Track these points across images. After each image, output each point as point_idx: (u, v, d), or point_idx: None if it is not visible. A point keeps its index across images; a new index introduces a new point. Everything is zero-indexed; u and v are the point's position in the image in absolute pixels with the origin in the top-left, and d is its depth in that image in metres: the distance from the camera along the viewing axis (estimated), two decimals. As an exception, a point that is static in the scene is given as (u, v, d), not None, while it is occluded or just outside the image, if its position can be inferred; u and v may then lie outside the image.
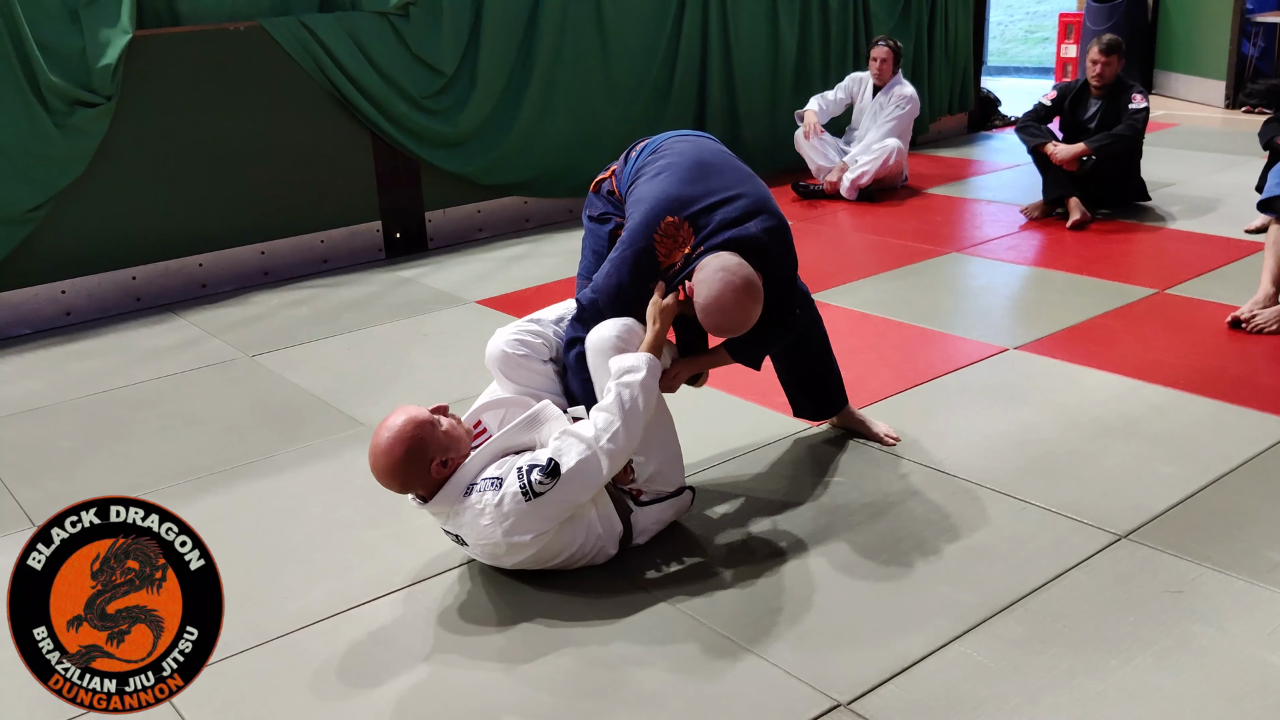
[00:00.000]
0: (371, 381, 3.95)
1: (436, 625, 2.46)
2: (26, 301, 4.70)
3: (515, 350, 2.70)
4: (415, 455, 2.38)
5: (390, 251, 5.66)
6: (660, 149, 2.83)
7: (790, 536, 2.75)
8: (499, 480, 2.41)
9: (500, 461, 2.47)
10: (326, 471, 3.25)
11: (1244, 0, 8.88)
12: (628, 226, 2.70)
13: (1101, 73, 5.55)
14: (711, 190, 2.66)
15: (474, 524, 2.42)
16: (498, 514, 2.39)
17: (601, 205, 2.95)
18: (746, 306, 2.53)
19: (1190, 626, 2.32)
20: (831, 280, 4.72)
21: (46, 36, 4.49)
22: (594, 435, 2.43)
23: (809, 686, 2.19)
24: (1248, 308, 4.03)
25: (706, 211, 2.62)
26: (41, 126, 4.48)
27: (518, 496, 2.37)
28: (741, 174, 2.76)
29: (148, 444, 3.51)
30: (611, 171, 2.95)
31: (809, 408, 3.26)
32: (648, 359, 2.52)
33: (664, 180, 2.70)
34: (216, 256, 5.14)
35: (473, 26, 5.64)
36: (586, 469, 2.41)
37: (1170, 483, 2.91)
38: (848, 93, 6.57)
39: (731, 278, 2.51)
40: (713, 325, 2.57)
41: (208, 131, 4.99)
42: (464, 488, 2.43)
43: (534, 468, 2.38)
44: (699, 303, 2.53)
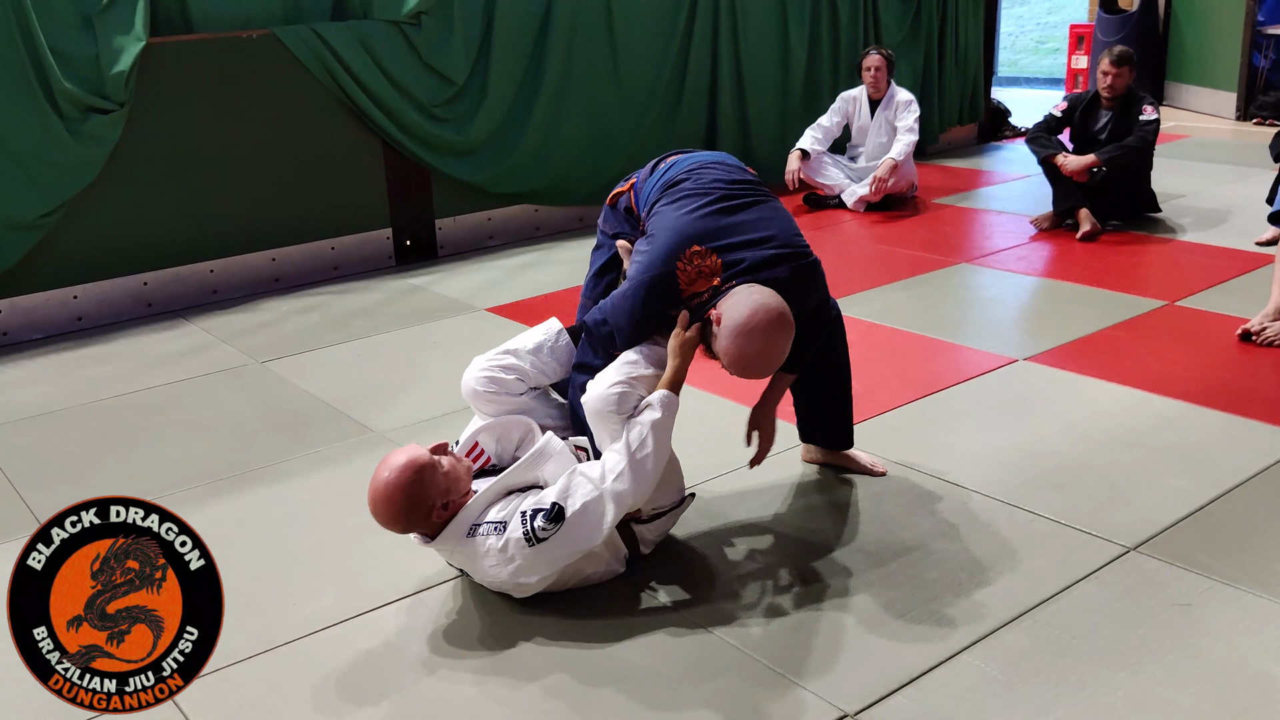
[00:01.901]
0: (381, 388, 3.96)
1: (444, 632, 2.46)
2: (38, 306, 4.72)
3: (486, 388, 2.63)
4: (416, 502, 2.33)
5: (400, 259, 5.68)
6: (686, 173, 2.69)
7: (798, 546, 2.75)
8: (503, 525, 2.35)
9: (505, 502, 2.40)
10: (336, 478, 3.26)
11: (1255, 12, 8.87)
12: (648, 251, 2.56)
13: (1112, 84, 5.54)
14: (740, 226, 2.53)
15: (478, 565, 2.41)
16: (502, 558, 2.36)
17: (617, 223, 2.87)
18: (775, 341, 2.41)
19: (1199, 640, 2.31)
20: (841, 290, 4.69)
21: (60, 43, 4.52)
22: (600, 476, 2.36)
23: (817, 696, 2.19)
24: (1258, 320, 4.02)
25: (736, 249, 2.50)
26: (55, 133, 4.50)
27: (520, 543, 2.33)
28: (769, 209, 2.63)
29: (158, 449, 3.52)
30: (630, 185, 2.85)
31: (822, 437, 3.13)
32: (664, 397, 2.42)
33: (690, 209, 2.56)
34: (228, 263, 5.16)
35: (484, 36, 5.66)
36: (591, 514, 2.34)
37: (1180, 495, 2.90)
38: (842, 114, 6.54)
39: (766, 313, 2.37)
40: (738, 357, 2.40)
41: (220, 138, 5.01)
42: (467, 528, 2.38)
43: (538, 512, 2.32)
44: (729, 330, 2.39)
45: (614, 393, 2.44)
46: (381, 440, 3.49)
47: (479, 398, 2.67)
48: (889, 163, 6.19)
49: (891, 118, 6.41)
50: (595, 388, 2.48)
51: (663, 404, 2.41)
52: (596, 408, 2.46)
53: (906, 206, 6.39)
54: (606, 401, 2.44)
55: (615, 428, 2.44)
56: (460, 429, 2.99)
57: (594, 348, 2.62)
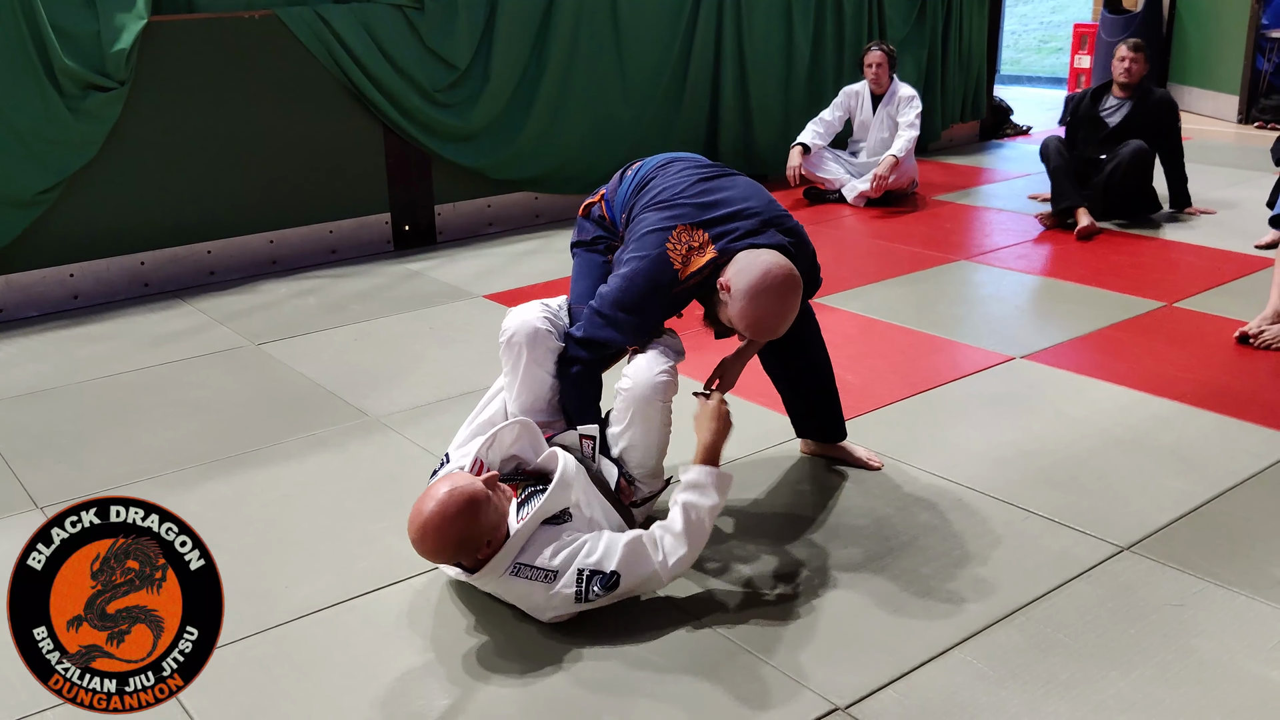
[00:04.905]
0: (377, 373, 3.95)
1: (439, 617, 2.46)
2: (35, 284, 4.71)
3: (545, 327, 2.63)
4: (468, 537, 2.26)
5: (399, 244, 5.67)
6: (655, 170, 2.75)
7: (792, 540, 2.75)
8: (553, 575, 2.32)
9: (555, 547, 2.33)
10: (331, 461, 3.26)
11: (1259, 15, 8.87)
12: (635, 242, 2.60)
13: (1129, 68, 5.57)
14: (720, 202, 2.60)
15: (517, 598, 2.39)
16: (545, 602, 2.35)
17: (593, 230, 2.86)
18: (788, 298, 2.49)
19: (1191, 640, 2.31)
20: (839, 285, 4.72)
21: (62, 20, 4.50)
22: (662, 560, 2.37)
23: (808, 689, 2.19)
24: (1256, 323, 4.02)
25: (721, 222, 2.56)
26: (54, 110, 4.49)
27: (569, 599, 2.33)
28: (743, 184, 2.69)
29: (153, 430, 3.52)
30: (600, 196, 2.87)
31: (814, 430, 3.15)
32: (715, 478, 2.43)
33: (668, 200, 2.62)
34: (225, 244, 5.15)
35: (487, 21, 5.65)
36: (643, 586, 2.40)
37: (1175, 496, 2.91)
38: (845, 109, 6.52)
39: (775, 269, 2.45)
40: (755, 318, 2.48)
41: (220, 119, 5.00)
42: (508, 565, 2.33)
43: (595, 576, 2.31)
44: (742, 291, 2.45)
45: (661, 381, 2.54)
46: (377, 425, 3.49)
47: (538, 337, 2.61)
48: (890, 160, 6.18)
49: (893, 113, 6.39)
50: (640, 375, 2.55)
51: (717, 487, 2.43)
52: (646, 394, 2.54)
53: (906, 202, 6.39)
54: (656, 390, 2.54)
55: (657, 417, 2.57)
56: (456, 415, 3.00)
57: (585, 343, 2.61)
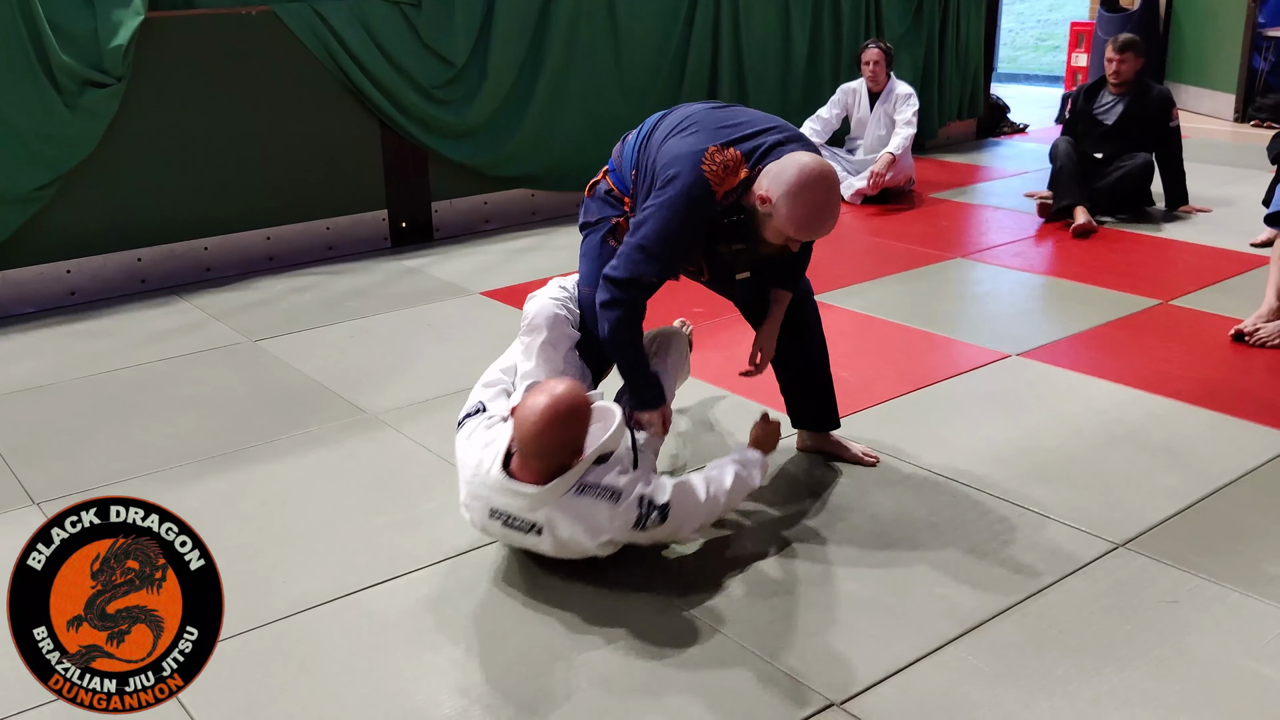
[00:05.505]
0: (374, 370, 3.95)
1: (437, 612, 2.47)
2: (31, 280, 4.70)
3: (563, 311, 2.73)
4: (575, 440, 2.38)
5: (396, 241, 5.67)
6: (660, 119, 2.77)
7: (788, 536, 2.76)
8: (617, 494, 2.40)
9: (618, 473, 2.45)
10: (328, 458, 3.26)
11: (1256, 14, 8.88)
12: (665, 169, 2.59)
13: (1118, 69, 5.55)
14: (740, 124, 2.64)
15: (569, 524, 2.40)
16: (606, 522, 2.40)
17: (598, 209, 2.86)
18: (832, 190, 2.52)
19: (1185, 637, 2.32)
20: (837, 282, 4.72)
21: (59, 16, 4.49)
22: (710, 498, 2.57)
23: (803, 684, 2.19)
24: (1251, 321, 4.03)
25: (749, 139, 2.59)
26: (52, 106, 4.48)
27: (628, 524, 2.41)
28: (758, 112, 2.76)
29: (150, 426, 3.52)
30: (605, 173, 2.88)
31: (809, 417, 3.15)
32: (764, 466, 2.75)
33: (692, 126, 2.65)
34: (222, 240, 5.14)
35: (485, 18, 5.64)
36: (686, 524, 2.54)
37: (1170, 493, 2.92)
38: (842, 107, 6.53)
39: (811, 164, 2.49)
40: (804, 215, 2.49)
41: (217, 115, 4.99)
42: (574, 483, 2.39)
43: (653, 507, 2.44)
44: (783, 193, 2.47)
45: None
46: (374, 421, 3.49)
47: (558, 321, 2.72)
48: (887, 157, 6.18)
49: (890, 111, 6.40)
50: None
51: (762, 470, 2.75)
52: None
53: (903, 200, 6.39)
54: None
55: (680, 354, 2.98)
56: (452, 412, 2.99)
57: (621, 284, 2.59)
